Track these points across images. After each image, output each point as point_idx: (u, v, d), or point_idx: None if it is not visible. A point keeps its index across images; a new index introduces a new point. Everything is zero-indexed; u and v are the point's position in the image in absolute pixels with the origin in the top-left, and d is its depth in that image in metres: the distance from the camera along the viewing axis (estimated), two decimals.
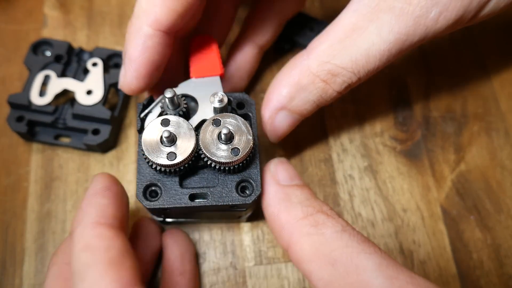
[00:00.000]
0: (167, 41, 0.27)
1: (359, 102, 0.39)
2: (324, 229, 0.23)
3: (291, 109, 0.28)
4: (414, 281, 0.21)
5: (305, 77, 0.27)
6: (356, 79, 0.26)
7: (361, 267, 0.21)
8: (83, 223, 0.23)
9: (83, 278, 0.21)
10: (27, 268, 0.32)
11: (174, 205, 0.25)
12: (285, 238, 0.25)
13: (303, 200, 0.26)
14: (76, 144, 0.35)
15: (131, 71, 0.27)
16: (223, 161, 0.25)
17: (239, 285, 0.32)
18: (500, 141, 0.37)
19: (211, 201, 0.26)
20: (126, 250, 0.23)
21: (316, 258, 0.23)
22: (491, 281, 0.33)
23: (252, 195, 0.26)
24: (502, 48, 0.41)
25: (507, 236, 0.34)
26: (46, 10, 0.41)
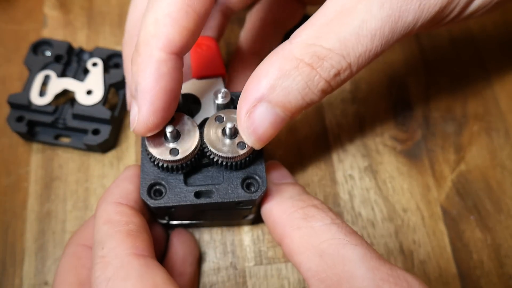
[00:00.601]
0: (180, 64, 0.24)
1: (359, 102, 0.39)
2: (313, 222, 0.24)
3: (272, 100, 0.23)
4: (393, 273, 0.22)
5: (287, 62, 0.22)
6: (346, 64, 0.23)
7: (346, 258, 0.22)
8: (107, 201, 0.26)
9: (103, 246, 0.24)
10: (27, 268, 0.32)
11: (179, 203, 0.25)
12: (278, 232, 0.26)
13: (295, 195, 0.26)
14: (76, 144, 0.35)
15: (147, 106, 0.23)
16: (229, 156, 0.25)
17: (239, 285, 0.32)
18: (500, 141, 0.37)
19: (217, 198, 0.25)
20: (143, 227, 0.25)
21: (306, 250, 0.24)
22: (491, 281, 0.33)
23: (258, 191, 0.26)
24: (502, 48, 0.41)
25: (507, 236, 0.34)
26: (46, 10, 0.41)
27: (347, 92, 0.39)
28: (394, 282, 0.22)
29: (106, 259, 0.23)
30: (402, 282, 0.22)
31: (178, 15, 0.23)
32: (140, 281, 0.22)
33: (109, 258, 0.23)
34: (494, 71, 0.40)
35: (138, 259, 0.23)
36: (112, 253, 0.23)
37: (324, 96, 0.24)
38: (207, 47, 0.30)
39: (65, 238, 0.33)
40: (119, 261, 0.23)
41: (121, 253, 0.23)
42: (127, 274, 0.22)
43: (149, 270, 0.23)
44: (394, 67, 0.40)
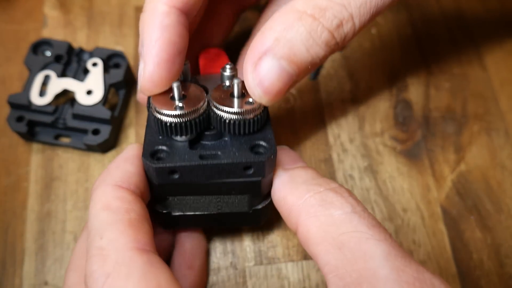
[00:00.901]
0: (184, 21, 0.25)
1: (359, 102, 0.39)
2: (332, 209, 0.22)
3: (277, 53, 0.23)
4: (420, 276, 0.20)
5: (290, 15, 0.23)
6: (348, 14, 0.23)
7: (369, 255, 0.20)
8: (106, 183, 0.23)
9: (101, 235, 0.21)
10: (27, 268, 0.32)
11: (183, 163, 0.24)
12: (293, 221, 0.24)
13: (308, 179, 0.24)
14: (76, 144, 0.35)
15: (151, 58, 0.24)
16: (237, 111, 0.24)
17: (239, 285, 0.32)
18: (500, 141, 0.37)
19: (223, 158, 0.24)
20: (144, 216, 0.23)
21: (323, 241, 0.22)
22: (491, 281, 0.33)
23: (267, 153, 0.24)
24: (502, 48, 0.41)
25: (507, 236, 0.34)
26: (46, 10, 0.41)
27: (347, 92, 0.39)
28: (420, 287, 0.20)
29: (104, 252, 0.21)
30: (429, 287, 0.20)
31: None
32: (143, 281, 0.20)
33: (108, 251, 0.21)
34: (494, 71, 0.40)
35: (141, 255, 0.21)
36: (112, 245, 0.21)
37: (329, 51, 0.24)
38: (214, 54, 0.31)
39: (65, 238, 0.33)
40: (120, 256, 0.21)
41: (122, 247, 0.21)
42: (128, 272, 0.20)
43: (153, 268, 0.21)
44: (394, 67, 0.40)
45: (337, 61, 0.40)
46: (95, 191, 0.24)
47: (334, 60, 0.40)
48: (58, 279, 0.32)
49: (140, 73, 0.25)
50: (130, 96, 0.38)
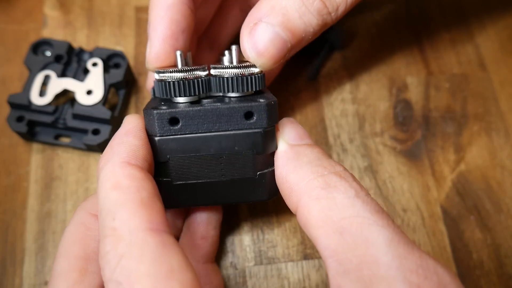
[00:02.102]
0: (189, 2, 0.27)
1: (359, 102, 0.39)
2: (335, 193, 0.22)
3: (272, 20, 0.24)
4: (423, 263, 0.19)
5: None
6: None
7: (371, 241, 0.20)
8: (112, 161, 0.23)
9: (113, 216, 0.21)
10: (27, 268, 0.32)
11: (183, 110, 0.24)
12: (293, 201, 0.23)
13: (314, 159, 0.24)
14: (76, 144, 0.35)
15: (155, 34, 0.26)
16: (236, 65, 0.25)
17: (239, 285, 0.32)
18: (500, 141, 0.37)
19: (224, 105, 0.24)
20: (155, 193, 0.22)
21: (324, 225, 0.21)
22: (491, 281, 0.33)
23: (267, 100, 0.24)
24: (502, 48, 0.41)
25: (507, 236, 0.34)
26: (46, 10, 0.41)
27: (347, 92, 0.39)
28: (424, 275, 0.19)
29: (118, 232, 0.20)
30: (432, 275, 0.19)
31: None
32: (156, 263, 0.20)
33: (121, 232, 0.20)
34: (494, 71, 0.40)
35: (154, 236, 0.20)
36: (125, 226, 0.20)
37: (322, 21, 0.25)
38: None
39: None
40: (134, 237, 0.20)
41: (135, 228, 0.20)
42: (141, 254, 0.20)
43: (166, 251, 0.20)
44: (394, 67, 0.40)
45: (337, 61, 0.40)
46: (102, 170, 0.23)
47: (334, 60, 0.40)
48: None
49: (148, 50, 0.27)
50: (130, 96, 0.38)
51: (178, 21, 0.26)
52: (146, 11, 0.41)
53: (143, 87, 0.39)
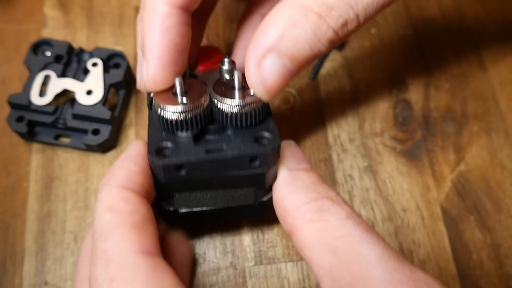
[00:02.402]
0: (186, 19, 0.25)
1: (359, 102, 0.39)
2: (328, 216, 0.23)
3: (281, 50, 0.22)
4: (414, 276, 0.20)
5: (295, 11, 0.22)
6: (354, 14, 0.22)
7: (362, 257, 0.21)
8: (110, 184, 0.23)
9: (105, 238, 0.21)
10: (27, 268, 0.32)
11: (189, 159, 0.24)
12: (288, 223, 0.24)
13: (309, 184, 0.25)
14: (76, 144, 0.35)
15: (153, 59, 0.24)
16: (239, 104, 0.24)
17: (239, 285, 0.32)
18: (500, 141, 0.37)
19: (228, 151, 0.24)
20: (149, 217, 0.23)
21: (318, 245, 0.22)
22: (491, 281, 0.33)
23: (271, 144, 0.24)
24: (502, 48, 0.41)
25: (507, 236, 0.34)
26: (46, 10, 0.41)
27: (347, 92, 0.39)
28: (414, 286, 0.20)
29: (109, 255, 0.21)
30: (423, 286, 0.20)
31: None
32: (147, 286, 0.20)
33: (112, 254, 0.21)
34: (494, 71, 0.40)
35: (145, 259, 0.21)
36: (116, 248, 0.21)
37: (331, 47, 0.24)
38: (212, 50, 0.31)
39: (65, 238, 0.33)
40: (124, 260, 0.21)
41: (126, 250, 0.21)
42: (133, 277, 0.20)
43: (157, 273, 0.21)
44: (394, 67, 0.40)
45: (337, 61, 0.40)
46: (100, 192, 0.24)
47: (334, 60, 0.40)
48: (58, 279, 0.32)
49: (143, 73, 0.25)
50: (130, 96, 0.38)
51: (177, 44, 0.24)
52: None
53: None
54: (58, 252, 0.33)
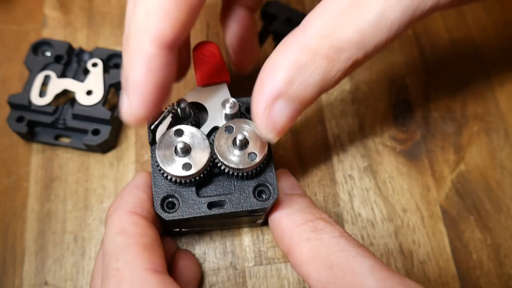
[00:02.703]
0: (173, 57, 0.23)
1: (359, 102, 0.39)
2: (322, 234, 0.25)
3: (290, 95, 0.22)
4: (404, 282, 0.22)
5: (303, 55, 0.22)
6: (362, 55, 0.22)
7: (356, 269, 0.23)
8: (121, 209, 0.25)
9: (117, 258, 0.23)
10: (27, 268, 0.32)
11: (193, 215, 0.25)
12: (285, 242, 0.26)
13: (304, 208, 0.27)
14: (76, 144, 0.35)
15: (136, 99, 0.23)
16: (240, 167, 0.25)
17: (239, 285, 0.32)
18: (500, 141, 0.37)
19: (230, 208, 0.25)
20: (157, 240, 0.25)
21: (315, 261, 0.24)
22: (491, 281, 0.33)
23: (270, 199, 0.26)
24: (502, 48, 0.41)
25: (507, 236, 0.34)
26: (46, 10, 0.41)
27: (347, 92, 0.39)
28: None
29: (121, 273, 0.22)
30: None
31: (170, 7, 0.22)
32: None
33: (124, 272, 0.22)
34: (494, 71, 0.40)
35: (155, 276, 0.22)
36: (128, 267, 0.22)
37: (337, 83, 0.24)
38: (210, 53, 0.29)
39: (65, 238, 0.33)
40: (136, 276, 0.22)
41: (138, 268, 0.22)
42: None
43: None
44: (394, 67, 0.40)
45: None
46: (111, 217, 0.25)
47: None
48: (58, 279, 0.32)
49: (123, 107, 0.24)
50: None
51: (162, 83, 0.23)
52: None
53: None
54: (58, 252, 0.33)
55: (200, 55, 0.30)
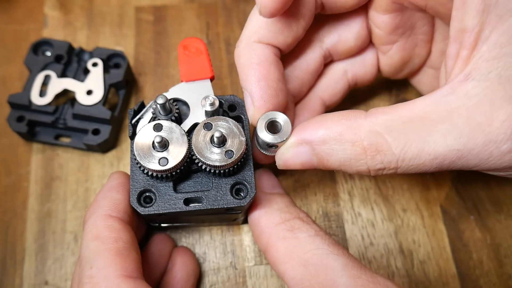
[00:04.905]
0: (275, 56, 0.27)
1: (359, 102, 0.39)
2: (298, 233, 0.26)
3: (315, 150, 0.25)
4: (374, 280, 0.23)
5: (350, 134, 0.24)
6: (394, 166, 0.23)
7: (329, 267, 0.24)
8: (96, 214, 0.25)
9: (91, 265, 0.23)
10: (27, 268, 0.33)
11: (169, 210, 0.25)
12: (263, 241, 0.27)
13: (283, 207, 0.28)
14: (76, 144, 0.35)
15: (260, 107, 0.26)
16: (217, 165, 0.25)
17: (239, 285, 0.32)
18: None
19: (206, 205, 0.26)
20: (132, 244, 0.25)
21: (290, 260, 0.25)
22: (490, 281, 0.33)
23: (247, 197, 0.26)
24: None
25: (507, 236, 0.34)
26: (46, 10, 0.42)
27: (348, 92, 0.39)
28: None
29: (94, 280, 0.23)
30: None
31: None
32: None
33: (97, 279, 0.23)
34: None
35: (128, 282, 0.23)
36: (101, 273, 0.23)
37: (357, 174, 0.27)
38: (196, 50, 0.30)
39: (65, 238, 0.33)
40: (109, 283, 0.22)
41: (111, 275, 0.23)
42: None
43: None
44: None
45: None
46: (86, 222, 0.25)
47: None
48: (58, 279, 0.32)
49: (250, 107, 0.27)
50: (130, 96, 0.38)
51: (278, 96, 0.26)
52: (146, 11, 0.41)
53: (143, 87, 0.39)
54: (58, 252, 0.33)
55: (185, 51, 0.30)
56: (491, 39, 0.21)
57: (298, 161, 0.25)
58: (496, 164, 0.22)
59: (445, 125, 0.22)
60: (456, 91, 0.22)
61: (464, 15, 0.22)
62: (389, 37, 0.30)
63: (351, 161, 0.24)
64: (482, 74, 0.21)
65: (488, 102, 0.21)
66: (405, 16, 0.28)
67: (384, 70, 0.33)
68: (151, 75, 0.39)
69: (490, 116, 0.21)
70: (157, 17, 0.41)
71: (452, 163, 0.22)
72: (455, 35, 0.23)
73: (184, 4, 0.42)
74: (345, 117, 0.24)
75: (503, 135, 0.21)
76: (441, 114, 0.22)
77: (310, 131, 0.25)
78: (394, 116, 0.23)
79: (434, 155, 0.22)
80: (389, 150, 0.23)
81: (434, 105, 0.23)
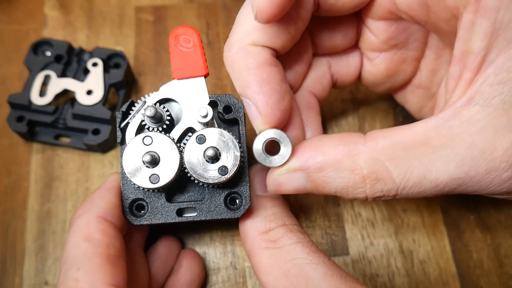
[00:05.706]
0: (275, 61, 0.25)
1: (359, 102, 0.39)
2: (281, 243, 0.25)
3: (311, 177, 0.24)
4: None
5: (348, 161, 0.23)
6: (394, 194, 0.23)
7: (309, 277, 0.23)
8: (89, 213, 0.24)
9: (79, 267, 0.22)
10: (27, 268, 0.32)
11: (162, 221, 0.25)
12: (247, 247, 0.27)
13: (269, 214, 0.27)
14: (76, 144, 0.35)
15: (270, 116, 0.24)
16: (210, 182, 0.24)
17: (239, 285, 0.32)
18: None
19: (199, 215, 0.25)
20: (122, 253, 0.24)
21: (272, 271, 0.24)
22: (491, 281, 0.33)
23: (241, 209, 0.25)
24: None
25: (507, 235, 0.34)
26: (47, 10, 0.42)
27: (347, 92, 0.39)
28: None
29: (80, 284, 0.21)
30: None
31: None
32: None
33: (83, 284, 0.21)
34: None
35: None
36: (88, 279, 0.21)
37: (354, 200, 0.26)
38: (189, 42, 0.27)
39: (65, 238, 0.33)
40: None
41: (98, 282, 0.21)
42: None
43: None
44: None
45: None
46: (77, 220, 0.24)
47: None
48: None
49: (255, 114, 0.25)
50: (130, 96, 0.38)
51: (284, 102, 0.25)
52: (146, 11, 0.41)
53: (143, 87, 0.39)
54: (58, 252, 0.33)
55: (178, 45, 0.27)
56: (497, 63, 0.20)
57: (292, 188, 0.24)
58: (495, 190, 0.22)
59: (447, 151, 0.21)
60: (458, 115, 0.21)
61: (471, 36, 0.21)
62: (380, 44, 0.28)
63: (349, 189, 0.23)
64: (486, 99, 0.21)
65: (491, 129, 0.20)
66: (399, 27, 0.27)
67: (365, 77, 0.31)
68: (151, 75, 0.39)
69: (493, 144, 0.20)
70: (157, 17, 0.41)
71: (452, 189, 0.22)
72: (459, 56, 0.22)
73: (184, 4, 0.42)
74: (343, 142, 0.23)
75: (505, 164, 0.21)
76: (443, 139, 0.21)
77: (306, 157, 0.23)
78: (394, 141, 0.22)
79: (435, 183, 0.22)
80: (390, 179, 0.22)
81: (436, 130, 0.22)
